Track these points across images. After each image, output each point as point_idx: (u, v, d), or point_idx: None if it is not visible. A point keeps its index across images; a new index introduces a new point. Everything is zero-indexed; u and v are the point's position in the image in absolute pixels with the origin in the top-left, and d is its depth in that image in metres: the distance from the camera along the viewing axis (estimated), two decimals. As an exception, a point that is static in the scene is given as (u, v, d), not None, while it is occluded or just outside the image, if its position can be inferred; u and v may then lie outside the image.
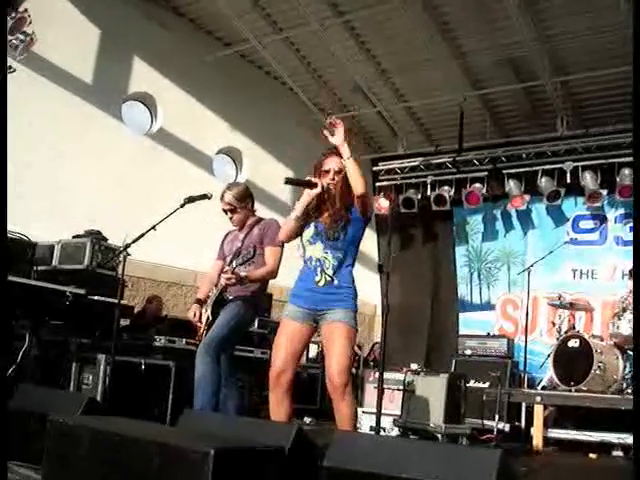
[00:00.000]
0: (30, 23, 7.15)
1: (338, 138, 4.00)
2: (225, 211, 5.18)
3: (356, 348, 10.03)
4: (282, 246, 4.86)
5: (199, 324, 5.06)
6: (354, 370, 9.21)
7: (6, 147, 4.23)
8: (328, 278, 4.06)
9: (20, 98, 6.37)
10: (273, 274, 4.96)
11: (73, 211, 8.18)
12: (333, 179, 4.09)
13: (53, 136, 8.34)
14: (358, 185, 3.98)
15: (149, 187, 9.21)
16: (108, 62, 9.18)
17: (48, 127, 8.29)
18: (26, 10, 7.11)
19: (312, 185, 4.03)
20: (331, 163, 4.13)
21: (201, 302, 5.15)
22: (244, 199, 5.18)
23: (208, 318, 5.00)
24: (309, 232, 4.13)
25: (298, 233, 4.17)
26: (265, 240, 4.99)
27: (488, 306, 10.20)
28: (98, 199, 8.58)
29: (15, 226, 5.59)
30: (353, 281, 4.13)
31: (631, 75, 8.73)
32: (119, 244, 6.05)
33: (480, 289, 10.33)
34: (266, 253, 4.93)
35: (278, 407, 4.04)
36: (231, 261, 4.93)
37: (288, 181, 4.15)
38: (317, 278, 4.07)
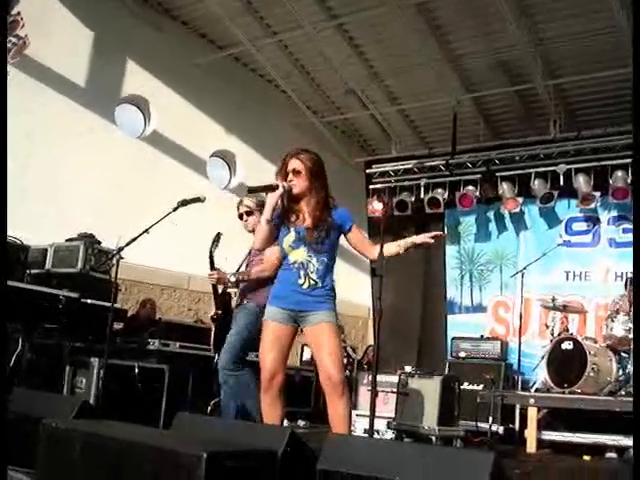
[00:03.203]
0: (23, 26, 7.14)
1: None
2: (241, 215, 5.33)
3: (350, 350, 10.07)
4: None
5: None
6: (348, 372, 9.22)
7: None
8: (312, 281, 4.09)
9: (12, 101, 6.35)
10: (266, 273, 5.00)
11: (67, 214, 8.17)
12: (291, 180, 4.15)
13: (46, 139, 8.33)
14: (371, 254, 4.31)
15: (142, 190, 9.20)
16: (101, 65, 9.18)
17: (41, 130, 8.28)
18: (19, 13, 7.10)
19: (273, 188, 4.10)
20: (292, 164, 4.21)
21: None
22: (261, 205, 5.25)
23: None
24: (290, 238, 4.14)
25: (273, 239, 4.18)
26: None
27: (479, 308, 10.19)
28: (91, 202, 8.57)
29: (9, 229, 5.59)
30: (334, 283, 4.21)
31: (624, 78, 8.84)
32: (113, 247, 6.04)
33: (471, 291, 10.32)
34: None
35: (271, 409, 4.06)
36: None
37: (251, 190, 4.19)
38: (301, 281, 4.09)
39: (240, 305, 5.19)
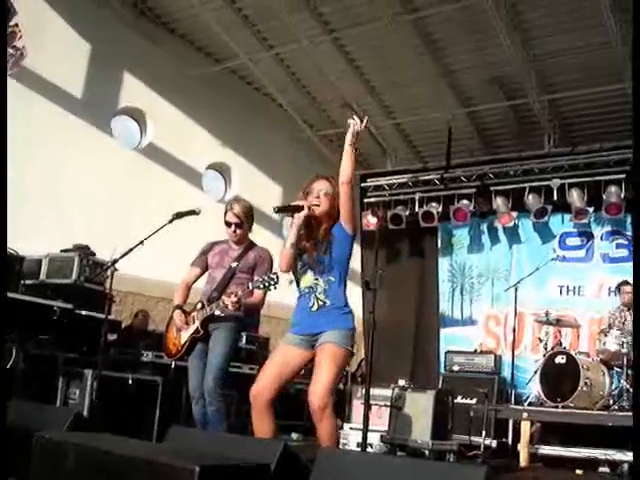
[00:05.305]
0: (21, 37, 7.18)
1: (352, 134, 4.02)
2: (230, 223, 5.08)
3: (344, 364, 10.02)
4: None
5: (185, 327, 5.05)
6: (341, 386, 9.21)
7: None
8: (320, 302, 4.02)
9: (9, 112, 6.37)
10: (259, 306, 5.01)
11: (61, 225, 8.18)
12: (318, 197, 4.06)
13: (42, 151, 8.35)
14: (344, 172, 3.98)
15: (137, 201, 9.23)
16: (98, 77, 9.22)
17: (37, 142, 8.29)
18: (17, 24, 7.13)
19: (300, 209, 4.02)
20: (318, 186, 4.11)
21: (181, 308, 5.13)
22: (250, 217, 5.16)
23: (198, 330, 4.98)
24: (299, 263, 4.11)
25: (296, 259, 4.11)
26: (259, 270, 4.97)
27: (470, 321, 10.16)
28: (87, 214, 8.59)
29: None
30: (346, 299, 4.09)
31: (617, 93, 8.92)
32: (107, 258, 6.05)
33: (462, 304, 10.30)
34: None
35: (259, 423, 4.00)
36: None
37: (278, 210, 4.11)
38: (310, 304, 4.04)
39: (216, 321, 4.95)
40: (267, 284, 4.58)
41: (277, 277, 4.52)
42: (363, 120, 4.04)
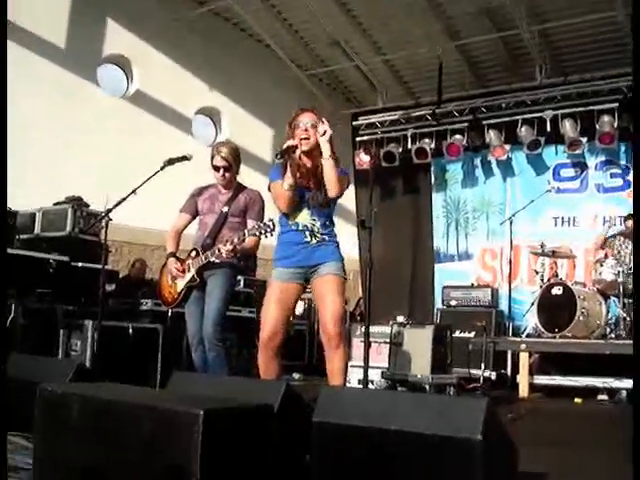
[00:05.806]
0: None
1: (324, 135, 3.97)
2: (218, 167, 4.99)
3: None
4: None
5: (180, 275, 5.03)
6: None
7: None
8: (319, 239, 4.11)
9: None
10: (254, 250, 5.01)
11: (53, 178, 8.11)
12: (306, 130, 4.03)
13: (27, 103, 8.21)
14: (332, 187, 3.99)
15: (127, 150, 9.13)
16: (81, 25, 9.05)
17: (21, 95, 8.16)
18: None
19: (295, 148, 4.00)
20: (305, 119, 4.08)
21: (175, 255, 5.08)
22: (237, 159, 5.09)
23: (194, 279, 4.96)
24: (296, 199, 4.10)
25: (296, 199, 4.09)
26: (250, 213, 4.93)
27: (466, 256, 10.20)
28: (77, 165, 8.51)
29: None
30: (336, 235, 4.23)
31: (608, 21, 8.78)
32: (101, 209, 6.01)
33: (457, 239, 10.32)
34: (249, 226, 4.83)
35: (267, 367, 4.06)
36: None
37: (280, 155, 4.01)
38: (307, 239, 4.10)
39: (211, 267, 4.89)
40: (263, 231, 4.46)
41: (273, 224, 4.41)
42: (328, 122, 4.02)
